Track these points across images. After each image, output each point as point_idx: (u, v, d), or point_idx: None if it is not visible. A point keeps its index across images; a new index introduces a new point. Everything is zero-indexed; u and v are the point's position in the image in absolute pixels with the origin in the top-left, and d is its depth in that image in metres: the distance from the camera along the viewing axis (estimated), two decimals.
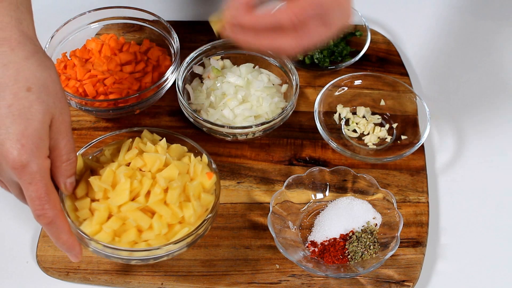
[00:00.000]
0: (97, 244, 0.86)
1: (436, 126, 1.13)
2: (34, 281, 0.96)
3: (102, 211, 0.87)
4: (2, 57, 0.77)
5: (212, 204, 0.91)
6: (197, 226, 0.88)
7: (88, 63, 1.11)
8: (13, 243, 0.99)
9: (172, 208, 0.88)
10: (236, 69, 1.11)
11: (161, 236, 0.87)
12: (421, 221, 1.00)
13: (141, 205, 0.87)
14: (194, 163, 0.92)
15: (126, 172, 0.88)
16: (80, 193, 0.88)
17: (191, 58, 1.10)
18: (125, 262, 0.89)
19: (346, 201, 1.00)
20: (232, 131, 1.02)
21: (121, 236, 0.87)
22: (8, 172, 0.78)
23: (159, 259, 0.89)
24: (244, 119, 1.05)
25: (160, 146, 0.93)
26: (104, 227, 0.86)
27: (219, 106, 1.06)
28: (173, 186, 0.88)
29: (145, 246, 0.87)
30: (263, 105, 1.06)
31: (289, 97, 1.08)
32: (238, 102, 1.06)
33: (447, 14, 1.30)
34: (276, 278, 0.94)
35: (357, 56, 1.15)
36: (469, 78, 1.20)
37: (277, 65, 1.11)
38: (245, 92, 1.07)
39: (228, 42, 1.11)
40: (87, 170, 0.91)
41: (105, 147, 0.95)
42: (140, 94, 1.05)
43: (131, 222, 0.86)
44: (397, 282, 0.94)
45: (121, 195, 0.87)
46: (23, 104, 0.76)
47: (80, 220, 0.88)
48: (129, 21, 1.17)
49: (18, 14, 0.81)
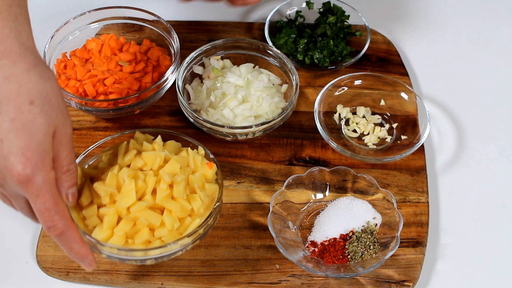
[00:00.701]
0: (111, 249, 0.86)
1: (436, 126, 1.13)
2: (34, 281, 0.96)
3: (112, 215, 0.86)
4: (3, 70, 0.77)
5: (217, 192, 0.92)
6: (207, 216, 0.89)
7: (88, 63, 1.11)
8: (13, 243, 0.99)
9: (180, 202, 0.88)
10: (236, 69, 1.10)
11: (174, 231, 0.88)
12: (421, 221, 1.00)
13: (150, 203, 0.88)
14: (193, 156, 0.93)
15: (129, 173, 0.88)
16: (85, 201, 0.88)
17: (191, 58, 1.10)
18: (140, 263, 0.89)
19: (346, 201, 1.00)
20: (232, 131, 1.02)
21: (134, 237, 0.87)
22: (13, 186, 0.78)
23: (173, 255, 0.89)
24: (244, 119, 1.05)
25: (156, 144, 0.94)
26: (116, 230, 0.86)
27: (219, 106, 1.06)
28: (178, 180, 0.88)
29: (159, 243, 0.87)
30: (263, 105, 1.06)
31: (289, 97, 1.08)
32: (238, 102, 1.06)
33: (447, 14, 1.30)
34: (276, 278, 0.94)
35: (357, 56, 1.15)
36: (469, 78, 1.20)
37: (277, 65, 1.11)
38: (245, 92, 1.07)
39: (228, 42, 1.11)
40: (86, 179, 0.91)
41: (102, 153, 0.95)
42: (140, 94, 1.05)
43: (143, 222, 0.86)
44: (397, 282, 0.94)
45: (128, 196, 0.87)
46: (26, 117, 0.76)
47: (89, 228, 0.88)
48: (129, 21, 1.17)
49: (17, 25, 0.80)
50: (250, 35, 1.23)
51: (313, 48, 1.16)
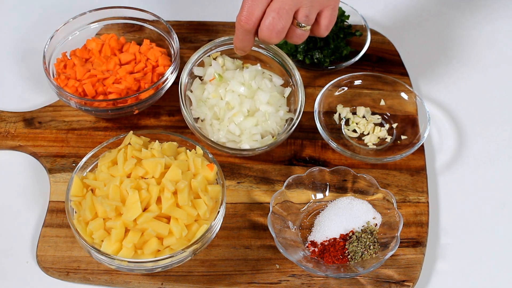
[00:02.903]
0: (121, 262, 0.86)
1: (436, 126, 1.13)
2: (34, 281, 0.96)
3: (119, 229, 0.87)
4: None
5: (220, 193, 0.92)
6: (213, 220, 0.89)
7: (88, 63, 1.11)
8: (13, 243, 0.99)
9: (186, 209, 0.88)
10: (239, 74, 1.07)
11: (182, 238, 0.88)
12: (421, 221, 1.00)
13: (156, 213, 0.88)
14: (193, 158, 0.93)
15: (131, 184, 0.88)
16: (90, 214, 0.88)
17: (192, 63, 1.07)
18: (149, 272, 0.90)
19: (346, 201, 1.00)
20: (239, 152, 1.02)
21: (142, 247, 0.87)
22: None
23: (182, 262, 0.90)
24: (250, 136, 1.03)
25: (155, 150, 0.93)
26: (124, 243, 0.86)
27: (223, 121, 1.04)
28: (181, 187, 0.89)
29: (168, 252, 0.87)
30: (270, 121, 1.04)
31: (292, 102, 1.07)
32: (243, 116, 1.04)
33: (447, 14, 1.30)
34: (276, 278, 0.94)
35: (357, 56, 1.15)
36: (469, 78, 1.20)
37: (277, 62, 1.08)
38: (250, 104, 1.04)
39: (229, 41, 1.10)
40: (87, 191, 0.91)
41: (99, 161, 0.95)
42: (139, 94, 1.05)
43: (151, 233, 0.87)
44: (397, 282, 0.94)
45: (133, 208, 0.87)
46: None
47: (97, 241, 0.88)
48: (129, 21, 1.17)
49: None
50: None
51: (313, 48, 1.16)
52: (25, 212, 1.02)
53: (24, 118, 1.11)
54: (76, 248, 0.96)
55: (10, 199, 1.03)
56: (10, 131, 1.09)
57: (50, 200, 1.01)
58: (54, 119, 1.11)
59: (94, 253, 0.87)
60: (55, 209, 1.00)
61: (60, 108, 1.12)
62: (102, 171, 0.93)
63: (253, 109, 1.05)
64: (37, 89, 1.17)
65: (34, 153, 1.07)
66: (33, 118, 1.11)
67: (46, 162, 1.06)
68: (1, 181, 1.06)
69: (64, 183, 1.03)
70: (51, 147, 1.07)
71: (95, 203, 0.88)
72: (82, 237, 0.87)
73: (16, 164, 1.07)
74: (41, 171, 1.06)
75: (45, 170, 1.05)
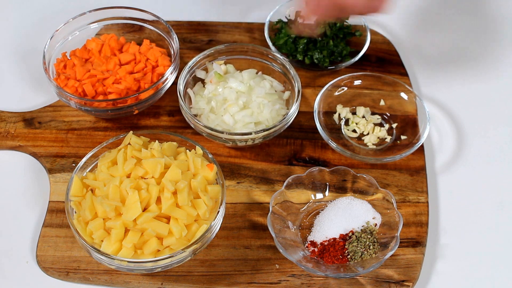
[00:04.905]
0: (121, 262, 0.86)
1: (435, 126, 1.13)
2: (34, 281, 0.96)
3: (119, 229, 0.87)
4: None
5: (220, 193, 0.92)
6: (212, 220, 0.89)
7: (88, 63, 1.11)
8: (13, 243, 0.99)
9: (186, 209, 0.88)
10: (239, 74, 1.09)
11: (182, 238, 0.88)
12: (421, 221, 1.00)
13: (156, 213, 0.88)
14: (193, 158, 0.93)
15: (131, 184, 0.88)
16: (89, 214, 0.88)
17: (193, 62, 1.09)
18: (149, 272, 0.90)
19: (346, 201, 1.00)
20: (231, 137, 1.01)
21: (142, 247, 0.87)
22: None
23: (182, 262, 0.90)
24: (244, 125, 1.04)
25: (155, 150, 0.93)
26: (124, 243, 0.87)
27: (219, 112, 1.06)
28: (181, 188, 0.89)
29: (168, 252, 0.87)
30: (264, 111, 1.05)
31: (292, 104, 1.07)
32: (239, 108, 1.05)
33: (447, 14, 1.30)
34: (276, 278, 0.94)
35: (357, 56, 1.15)
36: (469, 78, 1.20)
37: (280, 71, 1.10)
38: (246, 98, 1.06)
39: (231, 47, 1.11)
40: (87, 191, 0.91)
41: (99, 161, 0.95)
42: (139, 94, 1.05)
43: (151, 233, 0.87)
44: (397, 282, 0.94)
45: (133, 208, 0.87)
46: None
47: (97, 241, 0.88)
48: (129, 21, 1.17)
49: None
50: (250, 35, 1.23)
51: (312, 48, 1.16)
52: (25, 212, 1.02)
53: (24, 118, 1.11)
54: (76, 248, 0.96)
55: (10, 199, 1.04)
56: (10, 131, 1.09)
57: (50, 200, 1.01)
58: (54, 119, 1.11)
59: (94, 253, 0.87)
60: (55, 209, 1.00)
61: (60, 108, 1.12)
62: (102, 171, 0.93)
63: (249, 103, 1.06)
64: (37, 89, 1.17)
65: (34, 153, 1.07)
66: (33, 118, 1.11)
67: (46, 162, 1.06)
68: (1, 181, 1.06)
69: (64, 183, 1.03)
70: (51, 147, 1.07)
71: (95, 203, 0.89)
72: (82, 237, 0.87)
73: (16, 164, 1.07)
74: (41, 171, 1.06)
75: (45, 170, 1.06)
